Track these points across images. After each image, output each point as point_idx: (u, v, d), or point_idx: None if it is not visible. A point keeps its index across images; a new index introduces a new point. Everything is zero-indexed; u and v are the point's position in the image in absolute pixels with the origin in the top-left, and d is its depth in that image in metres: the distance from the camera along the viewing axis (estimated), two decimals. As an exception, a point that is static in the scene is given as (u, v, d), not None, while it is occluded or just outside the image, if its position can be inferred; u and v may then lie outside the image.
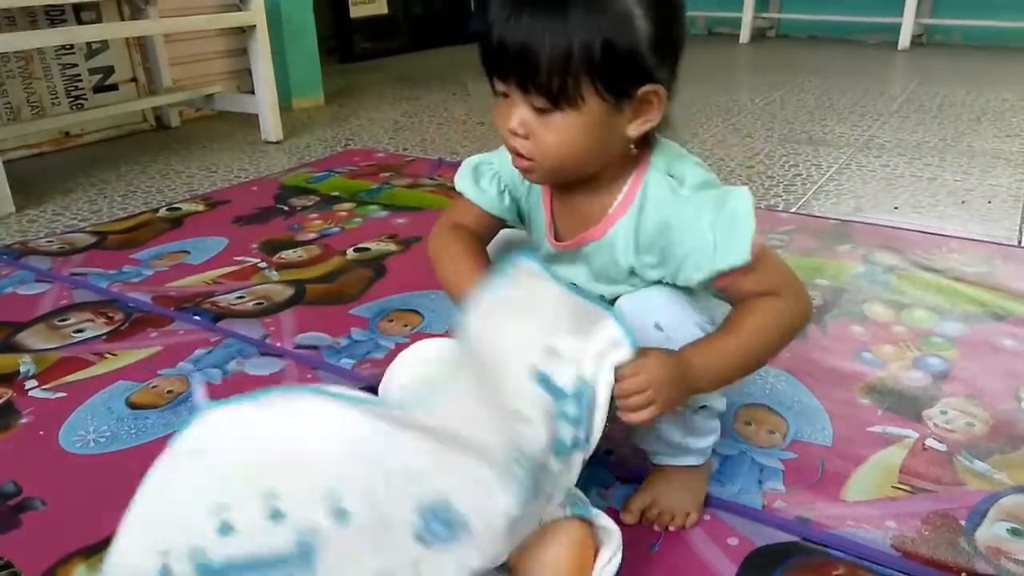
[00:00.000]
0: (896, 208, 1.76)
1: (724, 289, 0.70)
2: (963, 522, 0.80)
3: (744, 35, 4.67)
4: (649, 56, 0.64)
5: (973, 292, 1.30)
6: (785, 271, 0.71)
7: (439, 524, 0.55)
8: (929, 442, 0.92)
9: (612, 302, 0.75)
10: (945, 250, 1.48)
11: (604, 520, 0.68)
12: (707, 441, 0.79)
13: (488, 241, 0.85)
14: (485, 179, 0.81)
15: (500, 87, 0.67)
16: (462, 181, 0.82)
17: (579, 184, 0.73)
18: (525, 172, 0.70)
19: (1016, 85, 3.20)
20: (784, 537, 0.78)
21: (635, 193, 0.71)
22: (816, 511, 0.81)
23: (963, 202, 1.79)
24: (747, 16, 4.64)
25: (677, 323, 0.71)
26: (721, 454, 0.88)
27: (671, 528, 0.79)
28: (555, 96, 0.63)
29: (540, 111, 0.65)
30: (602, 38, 0.61)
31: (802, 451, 0.90)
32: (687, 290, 0.73)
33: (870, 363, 1.09)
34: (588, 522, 0.66)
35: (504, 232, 0.87)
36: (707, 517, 0.80)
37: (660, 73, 0.65)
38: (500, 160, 0.80)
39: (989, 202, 1.79)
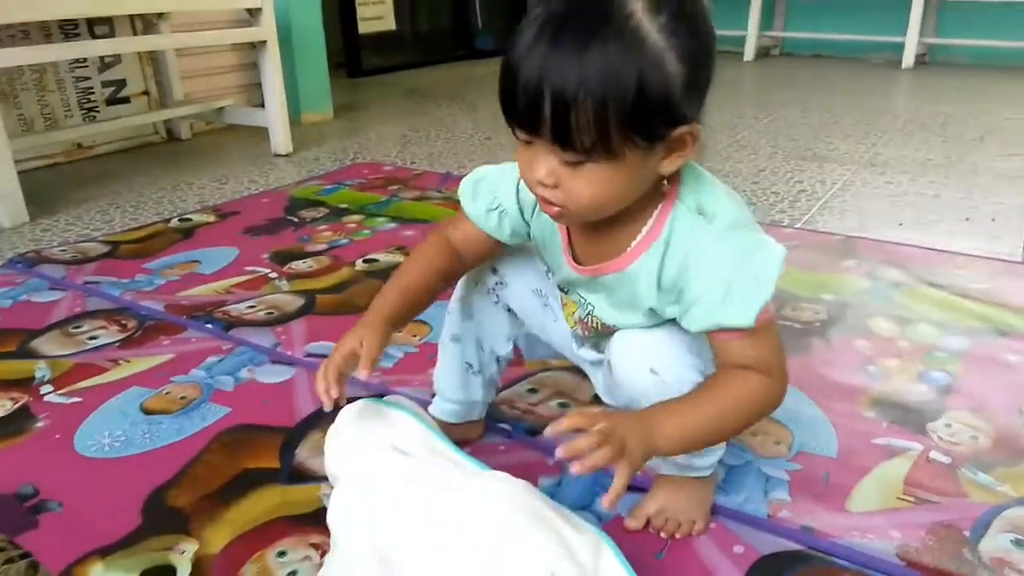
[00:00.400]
0: (901, 224, 1.77)
1: (716, 343, 0.69)
2: (967, 533, 0.81)
3: (748, 53, 4.71)
4: (682, 98, 0.61)
5: (977, 308, 1.31)
6: (780, 351, 0.69)
7: None
8: (933, 455, 0.93)
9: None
10: (949, 266, 1.49)
11: None
12: (712, 458, 0.80)
13: (474, 256, 0.84)
14: (481, 195, 0.80)
15: (523, 136, 0.63)
16: (462, 190, 0.82)
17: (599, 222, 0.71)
18: (555, 217, 0.68)
19: (1019, 104, 3.22)
20: (789, 546, 0.79)
21: (661, 229, 0.69)
22: (821, 521, 0.82)
23: (967, 219, 1.81)
24: (752, 34, 4.68)
25: (670, 364, 0.71)
26: (727, 464, 0.89)
27: (677, 536, 0.80)
28: (588, 151, 0.60)
29: (569, 164, 0.62)
30: (635, 87, 0.57)
31: (807, 462, 0.91)
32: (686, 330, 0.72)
33: (875, 376, 1.10)
34: None
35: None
36: (713, 525, 0.81)
37: (691, 110, 0.63)
38: (504, 180, 0.79)
39: (993, 219, 1.80)
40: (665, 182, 0.68)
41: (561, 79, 0.57)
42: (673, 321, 0.72)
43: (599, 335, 0.81)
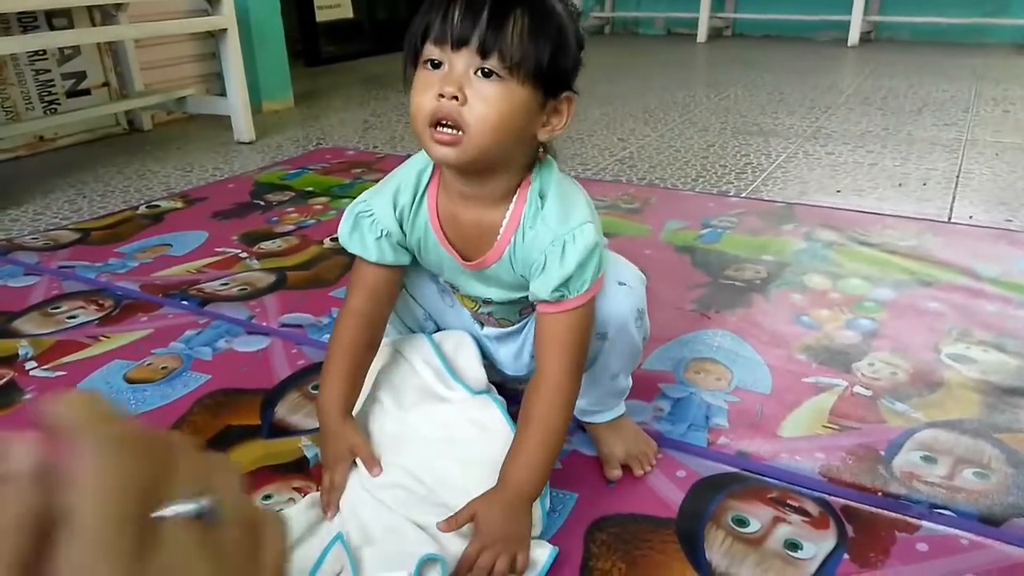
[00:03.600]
0: (838, 191, 1.89)
1: (538, 316, 0.76)
2: (882, 452, 0.91)
3: (701, 34, 4.82)
4: (573, 68, 0.71)
5: (904, 262, 1.42)
6: (579, 341, 0.75)
7: None
8: (857, 389, 1.03)
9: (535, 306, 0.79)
10: (881, 227, 1.60)
11: None
12: (623, 395, 0.89)
13: (389, 298, 0.86)
14: (363, 227, 0.81)
15: (437, 54, 0.67)
16: (342, 232, 0.82)
17: (468, 203, 0.76)
18: (448, 146, 0.68)
19: (957, 78, 3.37)
20: (726, 468, 0.88)
21: (519, 215, 0.75)
22: (754, 446, 0.91)
23: (900, 185, 1.92)
24: (703, 16, 4.79)
25: (628, 275, 0.81)
26: (672, 397, 0.99)
27: (647, 468, 0.87)
28: (509, 64, 0.66)
29: (485, 75, 0.66)
30: (559, 32, 0.68)
31: (744, 396, 1.01)
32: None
33: (807, 325, 1.21)
34: None
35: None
36: (659, 455, 0.90)
37: (573, 82, 0.72)
38: (377, 200, 0.80)
39: (924, 184, 1.92)
40: (541, 152, 0.76)
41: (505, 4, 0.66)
42: None
43: (501, 307, 0.87)
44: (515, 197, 0.76)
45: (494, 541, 0.70)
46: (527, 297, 0.79)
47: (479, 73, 0.67)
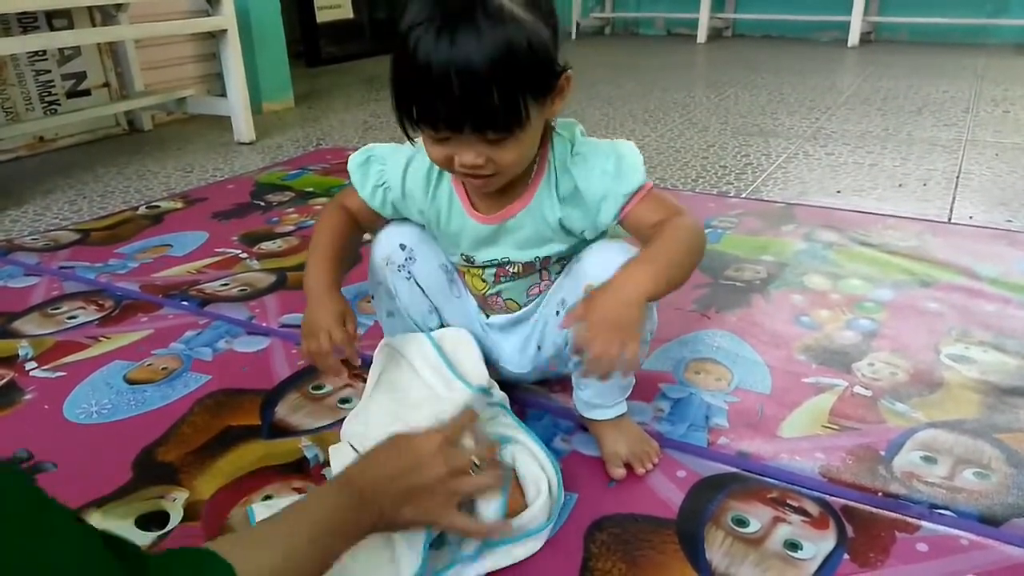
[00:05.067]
0: (838, 192, 1.88)
1: (630, 220, 0.81)
2: (883, 452, 0.91)
3: (701, 35, 4.82)
4: (554, 51, 0.73)
5: (904, 263, 1.42)
6: (676, 202, 0.81)
7: None
8: (856, 389, 1.03)
9: (545, 260, 0.88)
10: (881, 227, 1.60)
11: (527, 468, 0.81)
12: (624, 400, 0.90)
13: (367, 223, 0.92)
14: (370, 174, 0.89)
15: (442, 134, 0.71)
16: (352, 166, 0.90)
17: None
18: (484, 186, 0.78)
19: (957, 78, 3.37)
20: (726, 469, 0.88)
21: (547, 157, 0.82)
22: (754, 446, 0.91)
23: (900, 185, 1.92)
24: (704, 17, 4.79)
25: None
26: (672, 397, 0.99)
27: (649, 467, 0.87)
28: (511, 127, 0.70)
29: (493, 142, 0.71)
30: (530, 54, 0.68)
31: (744, 397, 1.01)
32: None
33: (807, 326, 1.21)
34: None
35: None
36: (660, 456, 0.90)
37: (559, 60, 0.74)
38: (392, 161, 0.87)
39: (924, 184, 1.92)
40: (552, 124, 0.82)
41: (471, 75, 0.66)
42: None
43: (513, 283, 0.90)
44: (541, 152, 0.81)
45: (605, 329, 0.68)
46: (543, 258, 0.86)
47: (487, 142, 0.71)
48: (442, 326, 0.96)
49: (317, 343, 0.80)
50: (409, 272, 0.93)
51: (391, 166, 0.88)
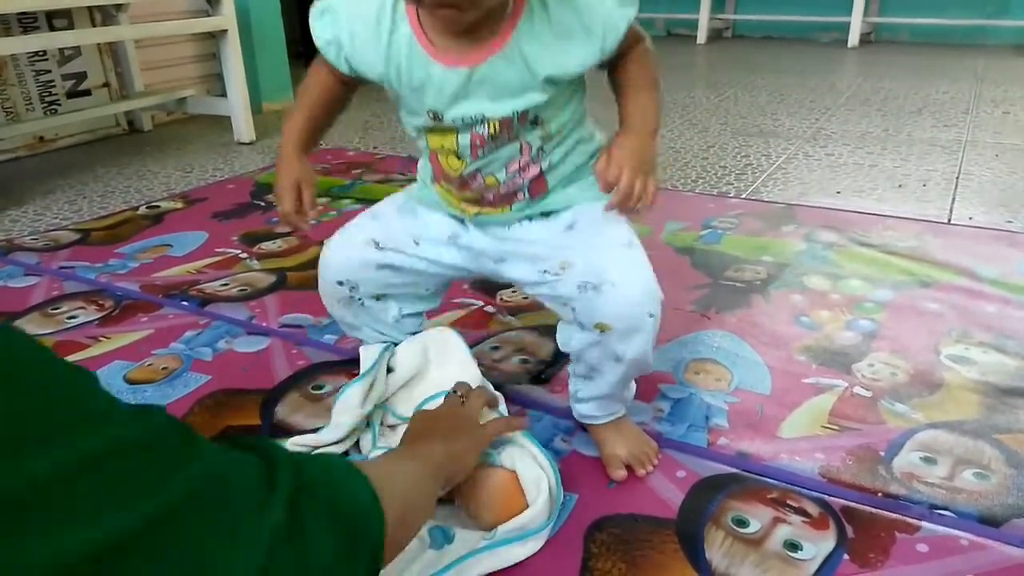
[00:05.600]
0: (838, 193, 1.89)
1: (625, 43, 0.79)
2: (882, 453, 0.91)
3: (701, 36, 4.82)
4: None
5: (904, 263, 1.42)
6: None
7: None
8: (856, 390, 1.03)
9: (523, 117, 0.77)
10: (881, 228, 1.60)
11: (527, 469, 0.80)
12: (628, 398, 0.90)
13: (346, 83, 0.86)
14: (325, 27, 0.79)
15: None
16: (311, 16, 0.81)
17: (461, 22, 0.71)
18: (454, 22, 0.70)
19: (957, 79, 3.37)
20: (726, 469, 0.88)
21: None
22: (754, 447, 0.91)
23: (900, 186, 1.92)
24: (703, 17, 4.79)
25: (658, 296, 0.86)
26: (672, 398, 0.99)
27: (649, 468, 0.87)
28: None
29: None
30: None
31: (744, 397, 1.01)
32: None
33: (807, 326, 1.21)
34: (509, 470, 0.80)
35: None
36: (660, 456, 0.90)
37: None
38: (342, 8, 0.78)
39: (924, 185, 1.92)
40: None
41: None
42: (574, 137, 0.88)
43: (493, 156, 0.81)
44: None
45: (631, 165, 0.78)
46: (520, 112, 0.76)
47: None
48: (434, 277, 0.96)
49: (281, 205, 0.89)
50: (360, 296, 0.98)
51: (341, 16, 0.78)
